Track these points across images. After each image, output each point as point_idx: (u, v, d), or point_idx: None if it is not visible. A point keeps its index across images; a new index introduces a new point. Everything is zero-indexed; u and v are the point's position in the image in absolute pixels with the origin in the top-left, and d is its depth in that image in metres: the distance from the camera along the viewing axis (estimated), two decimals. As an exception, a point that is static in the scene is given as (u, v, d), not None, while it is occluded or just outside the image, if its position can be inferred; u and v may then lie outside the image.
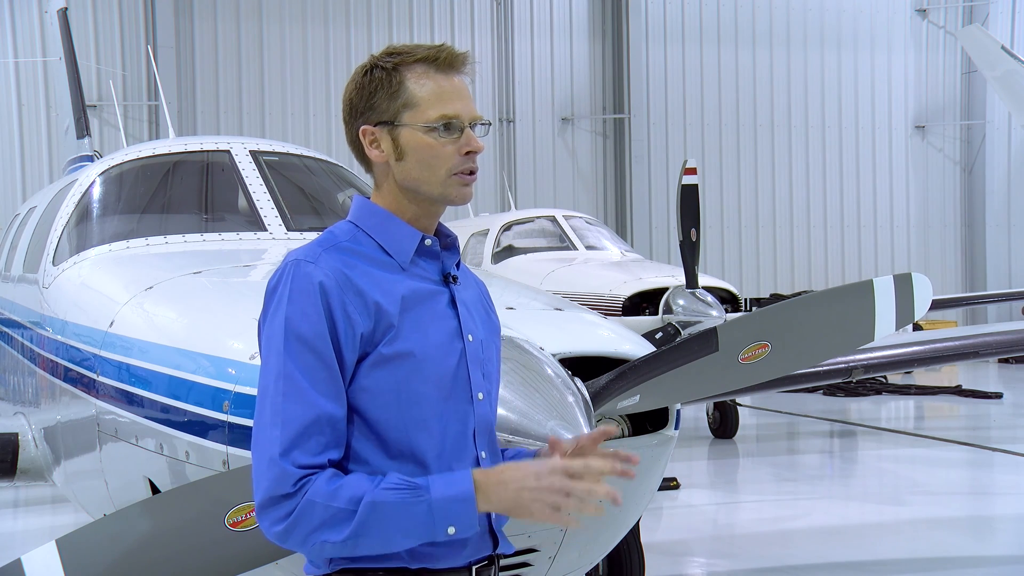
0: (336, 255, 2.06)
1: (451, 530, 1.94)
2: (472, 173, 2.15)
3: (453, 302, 2.14)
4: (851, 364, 6.43)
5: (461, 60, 2.15)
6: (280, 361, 1.99)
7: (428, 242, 2.16)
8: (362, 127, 2.15)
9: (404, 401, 2.04)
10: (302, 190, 5.36)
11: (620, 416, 3.52)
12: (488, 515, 2.12)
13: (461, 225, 13.79)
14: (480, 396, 2.13)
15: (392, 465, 2.02)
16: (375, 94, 2.13)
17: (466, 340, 2.12)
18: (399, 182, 2.14)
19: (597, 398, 3.05)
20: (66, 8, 11.62)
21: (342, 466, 2.01)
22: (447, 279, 2.16)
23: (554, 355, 3.10)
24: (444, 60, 2.12)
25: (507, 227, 13.07)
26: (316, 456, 1.95)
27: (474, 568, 2.11)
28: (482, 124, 2.17)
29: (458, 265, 2.21)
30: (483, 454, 2.13)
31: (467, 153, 2.12)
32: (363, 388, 2.03)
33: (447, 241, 2.20)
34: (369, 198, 2.21)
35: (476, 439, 2.12)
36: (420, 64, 2.12)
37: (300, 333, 1.99)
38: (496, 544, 2.16)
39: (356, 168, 2.42)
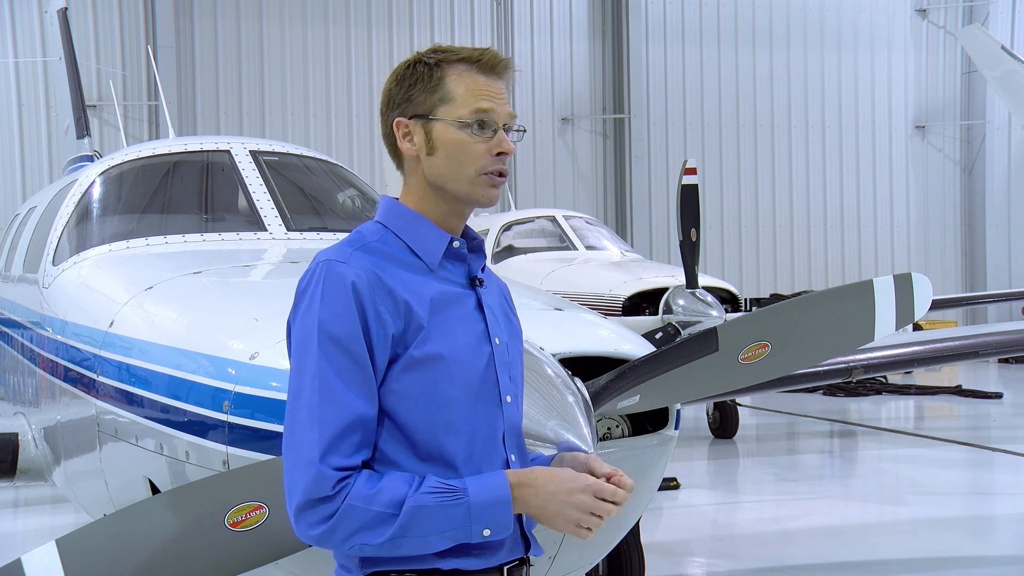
0: (366, 255, 2.06)
1: (486, 532, 1.97)
2: (502, 175, 2.16)
3: (480, 305, 2.14)
4: (851, 364, 6.42)
5: (503, 65, 2.17)
6: (314, 362, 1.99)
7: (456, 244, 2.16)
8: (397, 119, 2.16)
9: (434, 404, 2.04)
10: (302, 190, 5.36)
11: (620, 416, 3.52)
12: (519, 517, 2.13)
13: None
14: (508, 399, 2.14)
15: (421, 467, 2.03)
16: (414, 87, 2.14)
17: (493, 344, 2.13)
18: (427, 177, 2.14)
19: (597, 398, 3.05)
20: (66, 8, 11.61)
21: (370, 467, 2.02)
22: (473, 282, 2.16)
23: (554, 355, 3.09)
24: (486, 62, 2.14)
25: (507, 227, 13.07)
26: (350, 457, 1.96)
27: (505, 568, 2.12)
28: (517, 130, 2.18)
29: (483, 268, 2.21)
30: (512, 457, 2.14)
31: (498, 154, 2.14)
32: (393, 391, 2.03)
33: (474, 244, 2.20)
34: (396, 199, 2.21)
35: (505, 442, 2.13)
36: (462, 63, 2.14)
37: (333, 334, 1.99)
38: (528, 547, 2.17)
39: (356, 168, 2.42)
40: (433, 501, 1.94)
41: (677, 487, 9.16)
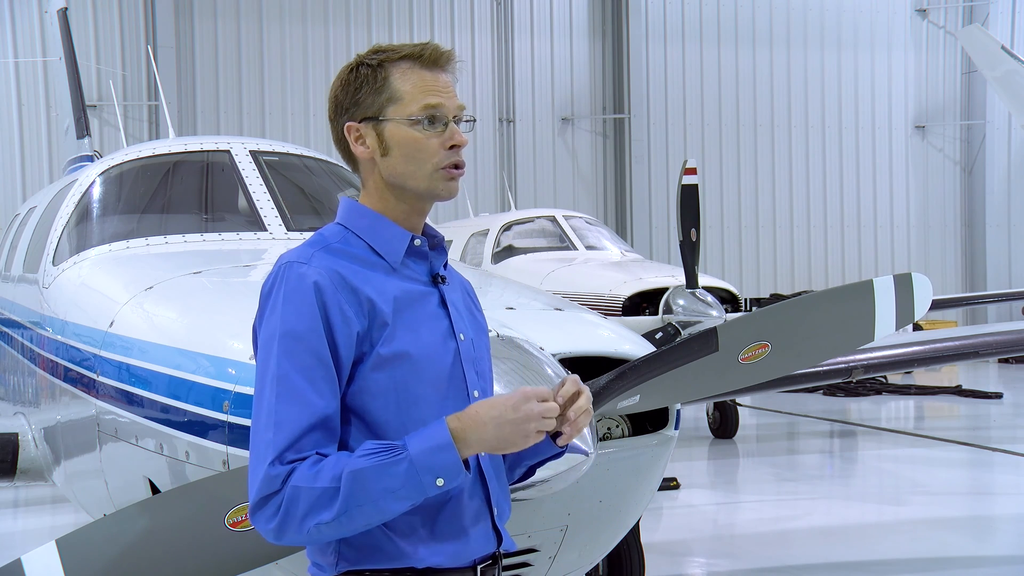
0: (328, 255, 2.08)
1: (439, 482, 1.95)
2: (458, 167, 2.16)
3: (443, 302, 2.15)
4: (851, 364, 6.42)
5: (446, 57, 2.17)
6: (275, 362, 2.00)
7: (417, 242, 2.17)
8: (347, 124, 2.17)
9: (403, 402, 2.05)
10: (302, 190, 5.35)
11: (620, 416, 3.52)
12: (490, 511, 2.13)
13: (461, 225, 13.79)
14: (476, 394, 2.15)
15: None
16: (360, 90, 2.15)
17: (459, 339, 2.14)
18: (385, 178, 2.16)
19: (597, 398, 3.05)
20: (66, 8, 11.61)
21: None
22: (436, 279, 2.18)
23: (554, 355, 3.09)
24: (429, 57, 2.15)
25: (507, 227, 13.06)
26: (306, 453, 1.96)
27: (479, 568, 2.12)
28: (467, 120, 2.18)
29: (445, 265, 2.22)
30: (481, 451, 2.14)
31: (452, 147, 2.14)
32: (363, 390, 2.04)
33: (434, 241, 2.21)
34: (356, 199, 2.22)
35: None
36: (405, 61, 2.15)
37: (296, 333, 1.99)
38: (500, 541, 2.17)
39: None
40: (371, 462, 1.93)
41: (677, 487, 9.16)
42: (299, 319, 2.00)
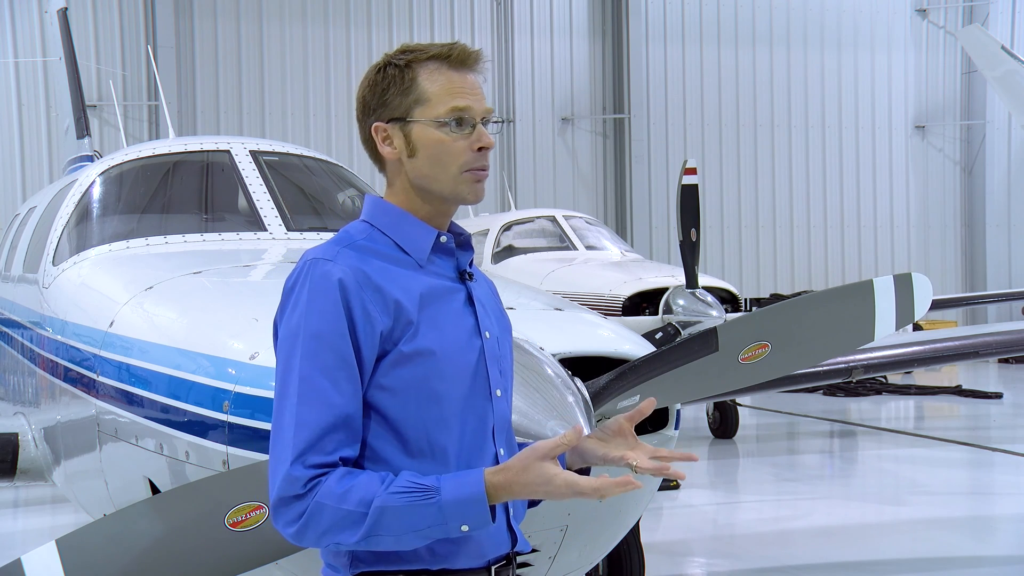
0: (353, 253, 2.06)
1: (464, 528, 1.94)
2: (484, 170, 2.15)
3: (470, 299, 2.14)
4: (851, 364, 6.42)
5: (474, 58, 2.16)
6: (298, 361, 1.99)
7: (444, 239, 2.16)
8: (374, 124, 2.15)
9: (424, 399, 2.03)
10: (302, 190, 5.36)
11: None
12: (506, 512, 2.13)
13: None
14: (498, 393, 2.13)
15: (412, 463, 2.01)
16: (387, 91, 2.13)
17: (484, 337, 2.12)
18: (411, 179, 2.15)
19: (597, 398, 3.05)
20: (66, 8, 11.61)
21: (359, 464, 2.01)
22: (463, 276, 2.16)
23: (554, 355, 3.09)
24: (456, 57, 2.13)
25: (507, 227, 13.07)
26: (329, 455, 1.95)
27: (493, 568, 2.12)
28: (494, 122, 2.18)
29: (471, 263, 2.21)
30: (502, 451, 2.13)
31: (479, 149, 2.13)
32: (384, 387, 2.02)
33: (461, 239, 2.20)
34: (381, 197, 2.21)
35: (495, 436, 2.12)
36: (432, 61, 2.13)
37: (319, 331, 1.98)
38: (515, 542, 2.17)
39: (356, 168, 2.44)
40: (402, 501, 1.92)
41: (677, 487, 9.16)
42: (323, 318, 1.99)
